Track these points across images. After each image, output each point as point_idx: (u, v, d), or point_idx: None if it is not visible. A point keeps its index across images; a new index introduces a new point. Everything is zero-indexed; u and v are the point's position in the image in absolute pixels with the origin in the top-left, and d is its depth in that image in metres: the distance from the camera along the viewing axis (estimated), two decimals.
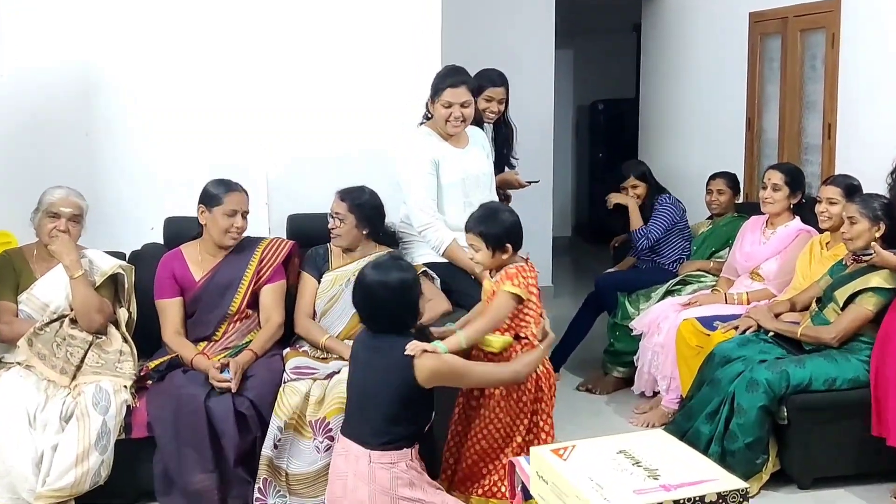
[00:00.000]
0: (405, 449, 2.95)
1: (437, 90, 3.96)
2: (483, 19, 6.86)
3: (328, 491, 3.06)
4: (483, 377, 3.13)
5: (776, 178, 4.56)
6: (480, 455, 3.31)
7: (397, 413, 2.94)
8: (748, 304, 4.48)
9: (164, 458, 3.55)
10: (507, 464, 3.09)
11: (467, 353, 3.20)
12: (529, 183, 4.87)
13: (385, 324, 3.00)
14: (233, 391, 3.52)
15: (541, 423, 3.33)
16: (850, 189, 4.13)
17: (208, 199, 3.83)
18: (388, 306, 2.98)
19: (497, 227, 3.21)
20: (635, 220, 5.25)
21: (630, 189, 5.35)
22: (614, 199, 5.40)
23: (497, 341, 3.21)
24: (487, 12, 6.91)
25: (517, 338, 3.25)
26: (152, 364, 3.77)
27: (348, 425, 3.06)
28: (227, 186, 3.85)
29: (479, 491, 3.31)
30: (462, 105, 3.94)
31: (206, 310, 3.86)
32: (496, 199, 4.29)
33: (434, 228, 3.95)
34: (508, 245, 3.22)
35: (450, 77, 3.97)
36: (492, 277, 3.30)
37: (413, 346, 2.94)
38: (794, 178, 4.56)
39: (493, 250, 3.21)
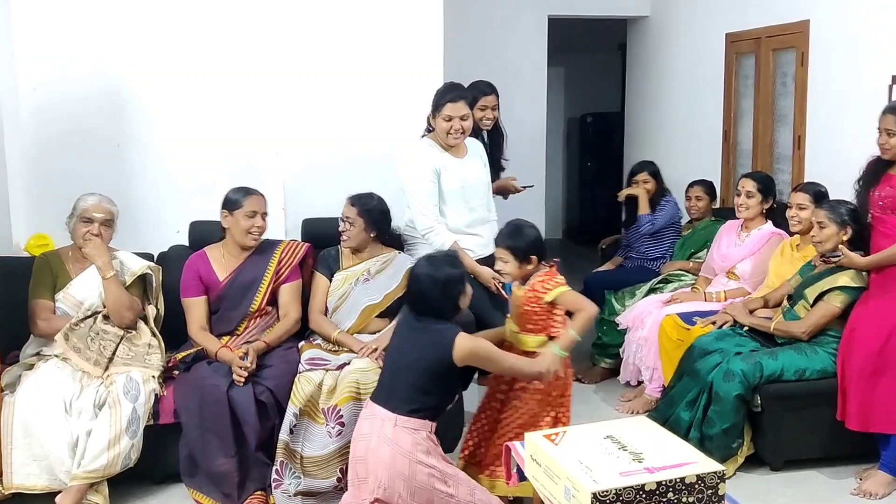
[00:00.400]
0: (428, 421, 2.99)
1: (437, 105, 3.96)
2: (482, 38, 6.88)
3: (351, 451, 3.07)
4: (512, 368, 3.17)
5: (749, 185, 4.56)
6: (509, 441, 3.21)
7: (427, 385, 2.97)
8: (725, 301, 4.48)
9: (190, 443, 3.56)
10: (503, 448, 3.10)
11: (500, 344, 3.29)
12: (525, 188, 4.87)
13: (426, 310, 3.04)
14: (250, 370, 3.55)
15: (561, 417, 3.35)
16: (818, 195, 4.13)
17: (230, 203, 3.85)
18: (431, 296, 3.02)
19: (523, 242, 3.31)
20: (644, 207, 5.28)
21: (641, 183, 5.36)
22: (626, 192, 5.43)
23: (532, 341, 3.29)
24: (486, 32, 6.94)
25: (550, 338, 3.28)
26: (179, 356, 3.78)
27: (379, 392, 3.08)
28: (246, 191, 3.87)
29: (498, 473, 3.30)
30: (461, 118, 3.95)
31: (229, 307, 3.86)
32: (493, 204, 4.29)
33: (436, 232, 3.95)
34: (533, 257, 3.32)
35: (449, 93, 3.98)
36: (522, 286, 3.36)
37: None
38: (766, 186, 4.56)
39: (520, 262, 3.31)
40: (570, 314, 3.30)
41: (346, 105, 4.60)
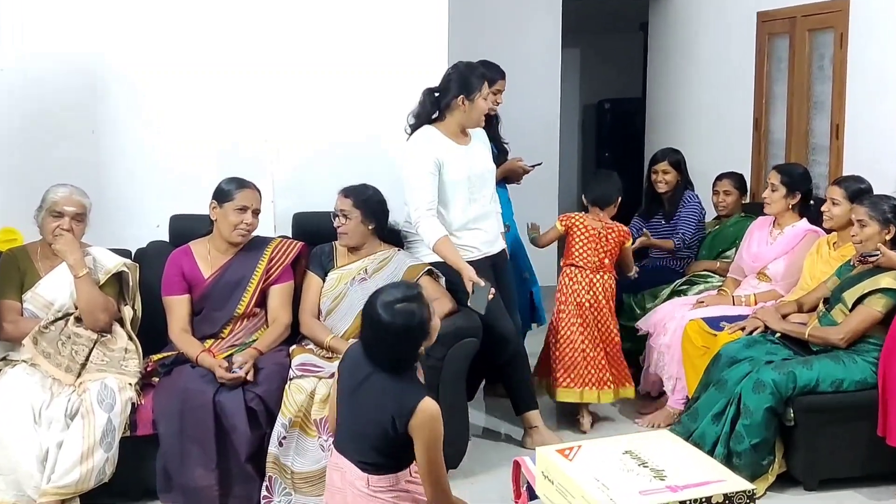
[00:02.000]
0: (404, 470, 2.80)
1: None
2: (490, 19, 6.86)
3: (326, 499, 2.93)
4: (435, 470, 2.75)
5: (773, 178, 4.57)
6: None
7: (387, 449, 2.75)
8: (755, 305, 4.48)
9: (165, 454, 3.56)
10: (513, 463, 3.10)
11: None
12: (534, 166, 4.87)
13: (382, 359, 2.78)
14: (247, 378, 3.55)
15: None
16: (857, 192, 4.12)
17: (220, 194, 3.85)
18: (388, 345, 2.76)
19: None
20: (665, 245, 5.21)
21: (661, 173, 5.29)
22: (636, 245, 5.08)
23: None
24: (494, 12, 6.92)
25: None
26: (156, 357, 3.79)
27: (342, 439, 2.88)
28: (240, 183, 3.87)
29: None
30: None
31: (214, 307, 3.87)
32: (496, 195, 4.29)
33: (424, 225, 3.93)
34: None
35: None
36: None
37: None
38: (792, 179, 4.55)
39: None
40: None
41: (339, 97, 4.60)
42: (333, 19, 4.58)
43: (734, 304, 4.54)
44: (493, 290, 3.83)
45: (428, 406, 2.69)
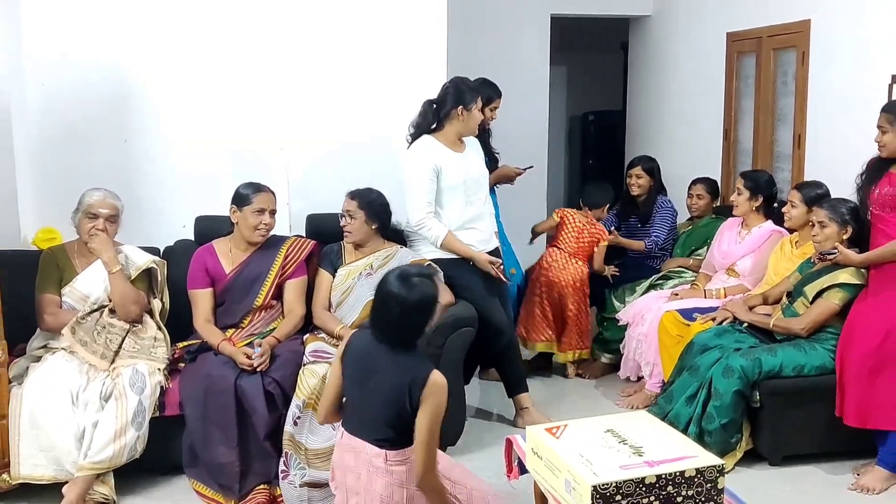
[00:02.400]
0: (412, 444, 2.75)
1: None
2: (485, 37, 6.86)
3: (337, 480, 2.86)
4: (428, 447, 2.71)
5: (739, 183, 4.61)
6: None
7: (397, 423, 2.72)
8: (725, 297, 4.48)
9: (191, 434, 3.57)
10: (505, 441, 3.10)
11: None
12: (525, 169, 4.88)
13: (391, 334, 2.76)
14: (261, 369, 3.54)
15: None
16: (812, 196, 4.13)
17: (239, 199, 3.85)
18: (400, 320, 2.72)
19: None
20: (635, 245, 5.21)
21: (634, 177, 5.29)
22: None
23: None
24: (489, 30, 6.92)
25: None
26: (182, 344, 3.80)
27: (352, 420, 2.82)
28: (256, 188, 3.87)
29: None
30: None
31: (234, 300, 3.87)
32: (490, 199, 4.30)
33: (428, 226, 3.97)
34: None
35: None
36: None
37: None
38: (755, 184, 4.56)
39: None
40: None
41: (350, 103, 4.59)
42: (343, 27, 4.56)
43: (706, 297, 4.55)
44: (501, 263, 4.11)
45: (439, 376, 2.69)
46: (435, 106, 4.05)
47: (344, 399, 2.88)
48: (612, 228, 5.30)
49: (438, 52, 4.62)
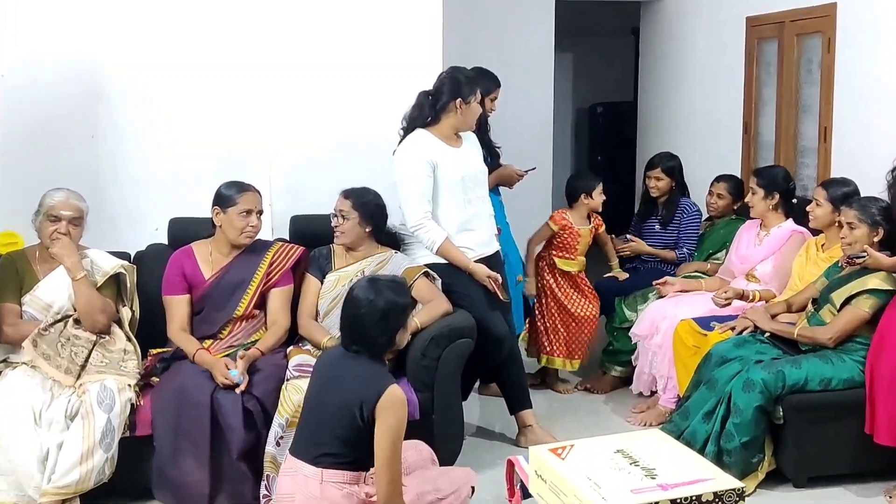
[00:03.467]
0: (360, 472, 2.82)
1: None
2: (483, 23, 6.86)
3: None
4: (390, 464, 2.77)
5: (752, 182, 4.63)
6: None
7: (351, 437, 2.78)
8: (749, 299, 4.46)
9: (159, 449, 3.54)
10: (506, 463, 3.09)
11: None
12: (528, 171, 4.88)
13: (358, 339, 2.88)
14: (240, 390, 3.53)
15: None
16: (838, 194, 4.12)
17: (222, 200, 3.84)
18: (366, 323, 2.85)
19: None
20: (666, 255, 5.23)
21: (654, 179, 5.28)
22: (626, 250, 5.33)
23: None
24: (488, 16, 6.91)
25: None
26: (154, 351, 3.80)
27: (299, 444, 2.91)
28: (240, 187, 3.86)
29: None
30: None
31: (214, 308, 3.86)
32: (489, 199, 4.29)
33: (426, 228, 3.96)
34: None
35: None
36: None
37: None
38: (768, 181, 4.57)
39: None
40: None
41: (337, 101, 4.60)
42: (329, 23, 4.57)
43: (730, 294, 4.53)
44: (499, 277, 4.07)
45: (395, 391, 2.76)
46: (431, 97, 4.04)
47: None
48: (633, 235, 5.30)
49: (433, 48, 4.62)
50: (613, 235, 5.36)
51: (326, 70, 4.58)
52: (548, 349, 5.06)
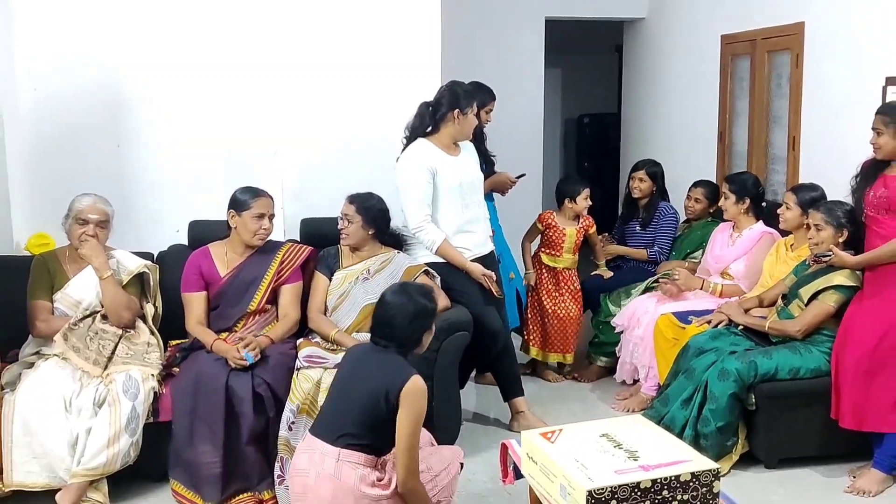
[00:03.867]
0: (373, 456, 2.81)
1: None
2: (479, 40, 6.87)
3: (290, 486, 2.91)
4: (410, 450, 2.78)
5: (724, 188, 4.64)
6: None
7: (372, 421, 2.79)
8: (721, 295, 4.48)
9: (176, 430, 3.55)
10: (500, 446, 3.09)
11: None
12: (519, 178, 4.89)
13: (389, 336, 2.89)
14: (254, 359, 3.55)
15: None
16: (806, 199, 4.13)
17: (238, 204, 3.83)
18: (397, 323, 2.88)
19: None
20: (636, 253, 5.25)
21: (637, 180, 5.30)
22: (609, 252, 5.34)
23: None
24: (483, 33, 6.92)
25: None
26: (174, 342, 3.81)
27: (320, 424, 2.91)
28: (255, 193, 3.86)
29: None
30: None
31: (229, 304, 3.86)
32: (484, 203, 4.30)
33: (426, 230, 3.97)
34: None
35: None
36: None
37: None
38: (739, 186, 4.58)
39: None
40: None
41: (344, 106, 4.60)
42: (338, 35, 4.57)
43: (702, 289, 4.54)
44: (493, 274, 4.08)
45: (418, 380, 2.78)
46: (431, 108, 4.05)
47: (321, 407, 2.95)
48: (610, 236, 5.31)
49: (433, 55, 4.62)
50: (607, 234, 5.36)
51: (337, 76, 4.58)
52: (533, 342, 5.08)
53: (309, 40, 4.55)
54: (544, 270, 5.07)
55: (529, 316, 5.08)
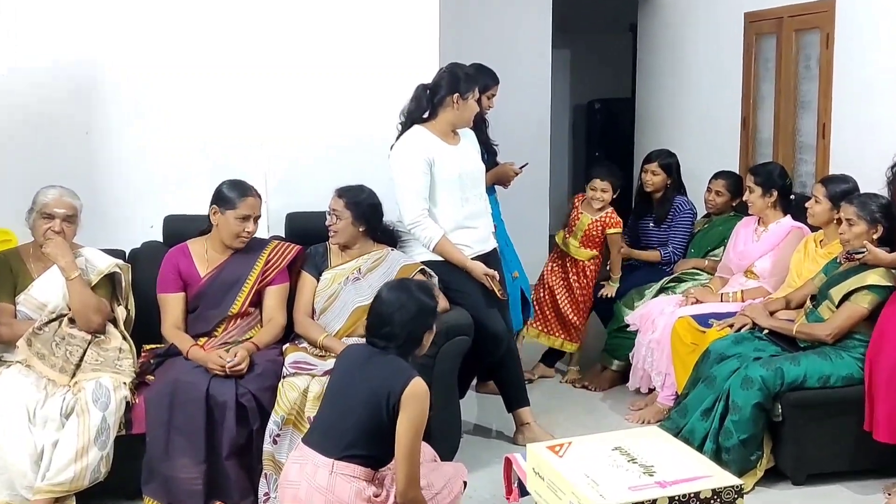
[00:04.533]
0: (370, 469, 2.82)
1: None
2: (480, 19, 6.86)
3: (280, 499, 2.92)
4: (411, 455, 2.81)
5: (749, 180, 4.64)
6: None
7: (371, 429, 2.81)
8: (743, 301, 4.48)
9: (151, 443, 3.53)
10: (504, 460, 3.10)
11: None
12: (522, 168, 4.89)
13: (388, 336, 2.91)
14: (235, 371, 3.54)
15: None
16: (836, 191, 4.13)
17: (222, 201, 3.82)
18: (397, 321, 2.90)
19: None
20: (648, 256, 5.27)
21: (650, 173, 5.29)
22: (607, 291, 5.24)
23: (587, 253, 5.09)
24: (484, 13, 6.92)
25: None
26: (148, 347, 3.80)
27: (314, 434, 2.93)
28: (242, 191, 3.83)
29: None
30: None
31: (208, 306, 3.86)
32: (486, 196, 4.30)
33: (423, 226, 3.96)
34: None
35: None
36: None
37: None
38: (764, 178, 4.58)
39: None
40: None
41: (333, 98, 4.59)
42: (325, 21, 4.57)
43: (721, 300, 4.54)
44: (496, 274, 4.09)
45: (420, 383, 2.81)
46: (429, 92, 4.04)
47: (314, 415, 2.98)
48: (622, 234, 5.32)
49: (430, 36, 4.62)
50: (626, 241, 5.34)
51: (321, 68, 4.57)
52: (535, 323, 5.21)
53: (296, 28, 4.54)
54: (556, 251, 5.24)
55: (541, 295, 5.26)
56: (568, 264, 5.16)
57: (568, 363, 5.33)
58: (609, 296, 5.13)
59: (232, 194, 3.81)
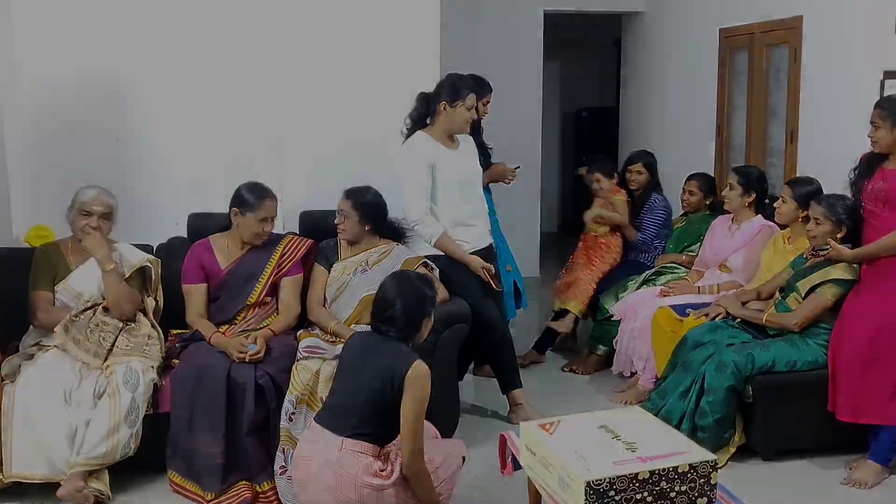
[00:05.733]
0: (376, 446, 2.83)
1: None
2: (477, 33, 6.87)
3: (293, 474, 2.93)
4: (414, 434, 2.79)
5: (731, 178, 4.62)
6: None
7: (375, 411, 2.82)
8: (718, 293, 4.48)
9: (175, 420, 3.54)
10: (499, 438, 3.10)
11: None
12: (516, 168, 4.88)
13: (389, 322, 2.92)
14: (257, 357, 3.55)
15: None
16: (802, 193, 4.12)
17: (242, 203, 3.81)
18: (397, 310, 2.90)
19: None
20: (628, 230, 5.28)
21: (634, 173, 5.32)
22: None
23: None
24: (481, 27, 6.93)
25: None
26: (175, 331, 3.81)
27: (325, 414, 2.94)
28: (261, 194, 3.82)
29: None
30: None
31: (229, 296, 3.86)
32: (484, 196, 4.30)
33: (425, 223, 3.97)
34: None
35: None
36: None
37: None
38: (748, 179, 4.57)
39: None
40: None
41: (344, 100, 4.58)
42: (336, 35, 4.55)
43: (699, 293, 4.55)
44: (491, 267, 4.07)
45: (422, 365, 2.82)
46: (427, 100, 4.05)
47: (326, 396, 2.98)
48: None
49: (431, 48, 4.61)
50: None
51: (333, 80, 4.56)
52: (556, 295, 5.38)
53: (309, 33, 4.53)
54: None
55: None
56: (587, 241, 5.37)
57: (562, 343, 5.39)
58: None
59: (251, 197, 3.81)
